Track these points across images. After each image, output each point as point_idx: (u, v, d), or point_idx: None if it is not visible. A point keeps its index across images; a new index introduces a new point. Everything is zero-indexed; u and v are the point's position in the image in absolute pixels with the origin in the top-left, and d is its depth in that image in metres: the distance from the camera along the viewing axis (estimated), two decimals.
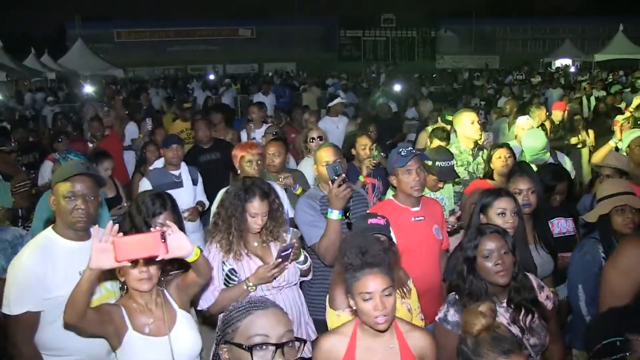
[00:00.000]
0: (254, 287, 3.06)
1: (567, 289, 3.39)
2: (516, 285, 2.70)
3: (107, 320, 2.52)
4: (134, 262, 2.41)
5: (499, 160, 4.42)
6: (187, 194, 4.99)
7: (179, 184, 5.01)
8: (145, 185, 4.83)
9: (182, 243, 2.40)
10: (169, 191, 4.67)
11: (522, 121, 6.00)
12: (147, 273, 2.53)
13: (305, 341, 1.78)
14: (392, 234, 2.98)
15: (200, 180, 5.25)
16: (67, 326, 2.53)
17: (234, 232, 3.10)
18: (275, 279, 3.12)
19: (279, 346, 1.64)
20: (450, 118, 6.01)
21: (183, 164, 5.20)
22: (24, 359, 2.69)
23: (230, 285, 3.11)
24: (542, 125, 6.38)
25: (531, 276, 2.83)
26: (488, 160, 4.53)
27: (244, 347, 1.63)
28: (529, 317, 2.68)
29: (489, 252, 2.63)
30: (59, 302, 2.55)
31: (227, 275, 3.11)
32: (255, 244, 3.21)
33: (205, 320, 3.65)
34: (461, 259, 2.72)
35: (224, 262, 3.12)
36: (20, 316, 2.65)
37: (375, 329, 2.31)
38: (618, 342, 1.76)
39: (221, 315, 1.72)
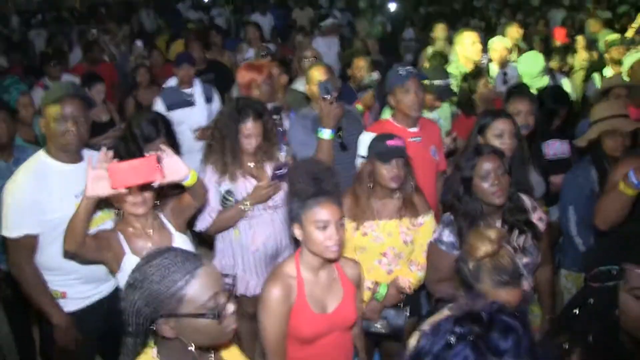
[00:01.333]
0: (251, 208, 3.07)
1: (558, 210, 3.42)
2: (510, 206, 2.71)
3: (105, 246, 2.54)
4: (131, 189, 2.39)
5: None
6: (200, 113, 4.88)
7: (191, 103, 4.89)
8: (158, 104, 4.73)
9: (178, 167, 2.37)
10: (183, 110, 4.72)
11: (495, 42, 5.65)
12: (142, 197, 2.52)
13: (234, 276, 1.80)
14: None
15: (216, 98, 5.11)
16: (67, 254, 2.55)
17: (228, 154, 3.09)
18: (271, 198, 3.13)
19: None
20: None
21: (197, 82, 5.06)
22: (26, 279, 2.73)
23: (227, 206, 3.12)
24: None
25: (525, 197, 2.84)
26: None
27: (206, 315, 1.57)
28: (522, 237, 2.71)
29: (486, 172, 2.62)
30: (55, 224, 2.56)
31: (223, 196, 3.11)
32: (251, 164, 3.19)
33: (202, 241, 3.70)
34: (458, 179, 2.72)
35: (219, 184, 3.12)
36: (20, 239, 2.67)
37: (326, 257, 2.27)
38: (614, 271, 1.77)
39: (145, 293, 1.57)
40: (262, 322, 2.27)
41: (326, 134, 3.28)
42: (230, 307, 1.60)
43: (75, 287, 2.85)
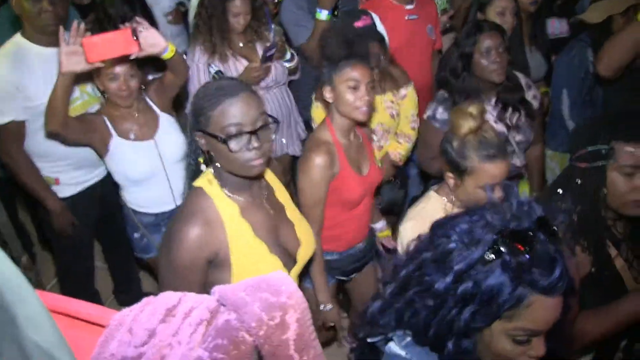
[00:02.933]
0: None
1: (551, 92, 3.38)
2: (506, 84, 2.69)
3: (91, 129, 2.51)
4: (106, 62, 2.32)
5: None
6: None
7: None
8: None
9: (155, 40, 2.31)
10: None
11: None
12: (127, 90, 2.49)
13: (277, 121, 1.73)
14: (384, 32, 2.84)
15: None
16: (50, 135, 2.52)
17: (216, 33, 2.99)
18: (262, 80, 3.07)
19: (253, 132, 1.58)
20: None
21: None
22: (18, 166, 2.72)
23: None
24: None
25: (520, 75, 2.82)
26: None
27: (219, 138, 1.58)
28: (516, 114, 2.72)
29: (487, 49, 2.58)
30: (41, 110, 2.50)
31: (213, 77, 3.03)
32: (240, 44, 3.10)
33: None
34: (456, 55, 2.66)
35: (209, 65, 3.03)
36: (6, 125, 2.61)
37: (356, 118, 2.27)
38: (603, 150, 1.77)
39: (190, 102, 1.61)
40: (303, 189, 2.30)
41: (324, 14, 3.15)
42: (254, 142, 1.59)
43: (68, 173, 2.84)
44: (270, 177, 1.90)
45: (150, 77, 2.91)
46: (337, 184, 2.30)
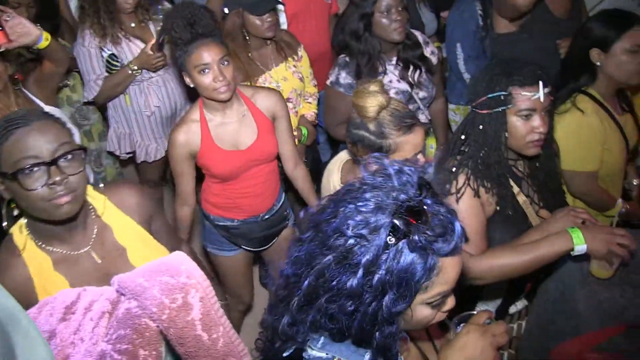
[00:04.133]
0: (139, 71, 2.89)
1: (445, 47, 3.49)
2: (406, 42, 2.74)
3: None
4: None
5: None
6: None
7: None
8: None
9: (25, 29, 2.18)
10: None
11: None
12: None
13: (85, 149, 1.49)
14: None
15: None
16: None
17: (104, 14, 2.84)
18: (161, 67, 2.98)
19: (51, 164, 1.36)
20: None
21: None
22: None
23: (113, 71, 2.92)
24: None
25: (416, 32, 2.88)
26: None
27: (8, 175, 1.35)
28: (417, 72, 2.79)
29: (387, 7, 2.60)
30: None
31: (107, 61, 2.89)
32: (132, 24, 2.96)
33: None
34: (356, 17, 2.67)
35: (102, 49, 2.89)
36: None
37: (218, 99, 2.27)
38: (502, 96, 1.86)
39: None
40: (170, 164, 2.38)
41: None
42: (55, 176, 1.37)
43: None
44: (111, 215, 1.66)
45: None
46: (202, 160, 2.35)
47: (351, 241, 1.00)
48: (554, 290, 1.93)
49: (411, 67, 2.76)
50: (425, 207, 1.02)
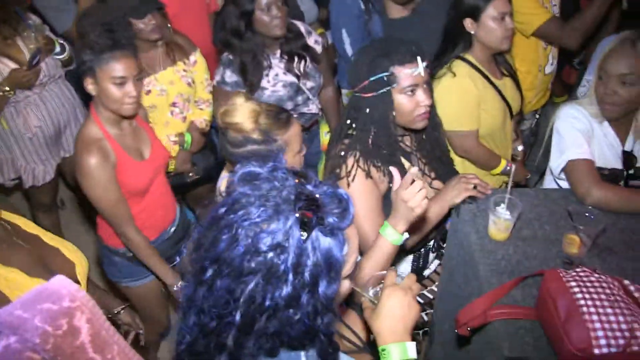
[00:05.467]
0: (11, 92, 2.72)
1: (331, 34, 3.54)
2: (287, 35, 2.76)
3: None
4: None
5: None
6: None
7: None
8: None
9: None
10: None
11: None
12: None
13: None
14: None
15: None
16: None
17: None
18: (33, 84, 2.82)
19: None
20: None
21: None
22: None
23: None
24: None
25: (298, 23, 2.90)
26: None
27: None
28: (302, 62, 2.82)
29: (267, 4, 2.61)
30: None
31: None
32: None
33: None
34: (237, 14, 2.65)
35: None
36: None
37: (123, 114, 2.22)
38: (385, 77, 1.91)
39: None
40: (92, 196, 2.19)
41: None
42: None
43: None
44: (6, 216, 1.71)
45: None
46: (121, 177, 2.24)
47: (270, 255, 0.99)
48: (456, 256, 2.03)
49: (296, 59, 2.78)
50: (313, 192, 1.04)
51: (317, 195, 1.04)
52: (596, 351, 1.35)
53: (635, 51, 2.00)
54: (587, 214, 1.85)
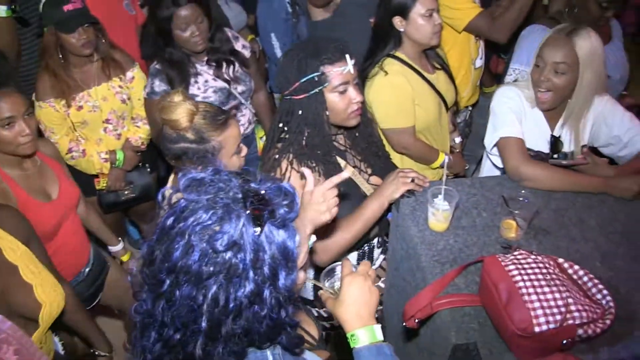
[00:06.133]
0: None
1: (260, 39, 3.54)
2: (212, 46, 2.75)
3: None
4: None
5: None
6: None
7: None
8: None
9: None
10: None
11: None
12: None
13: None
14: None
15: None
16: None
17: None
18: None
19: None
20: None
21: None
22: None
23: None
24: None
25: (225, 29, 2.89)
26: None
27: None
28: (231, 67, 2.81)
29: (185, 23, 2.58)
30: None
31: None
32: None
33: None
34: (156, 33, 2.63)
35: None
36: None
37: (22, 154, 2.16)
38: (315, 78, 1.91)
39: None
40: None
41: (1, 10, 2.82)
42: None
43: None
44: None
45: None
46: None
47: (228, 255, 1.00)
48: (399, 250, 2.06)
49: (224, 64, 2.77)
50: (259, 189, 1.06)
51: (263, 192, 1.05)
52: (537, 329, 1.40)
53: (570, 41, 2.09)
54: (521, 199, 1.91)
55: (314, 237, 1.66)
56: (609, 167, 2.23)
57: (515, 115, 2.23)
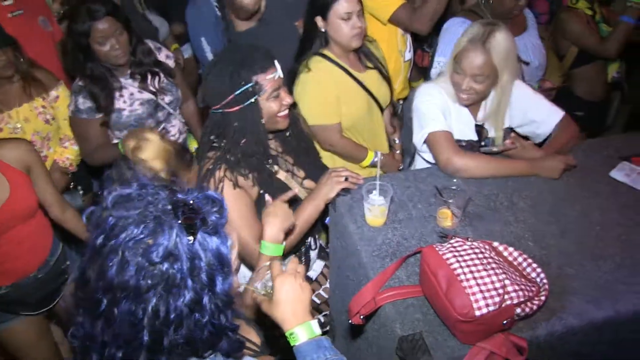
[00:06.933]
0: None
1: (191, 44, 3.50)
2: (134, 59, 2.69)
3: None
4: None
5: None
6: None
7: None
8: None
9: None
10: None
11: None
12: None
13: None
14: None
15: None
16: None
17: None
18: None
19: None
20: None
21: None
22: None
23: None
24: None
25: (147, 40, 2.84)
26: None
27: None
28: (157, 79, 2.76)
29: (102, 37, 2.51)
30: None
31: None
32: None
33: None
34: (75, 48, 2.54)
35: None
36: None
37: None
38: (250, 88, 1.91)
39: None
40: None
41: None
42: None
43: None
44: None
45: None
46: None
47: (165, 266, 1.00)
48: (340, 249, 2.07)
49: (149, 76, 2.71)
50: (187, 199, 1.07)
51: (192, 201, 1.06)
52: (477, 313, 1.43)
53: (485, 50, 2.12)
54: (453, 187, 1.96)
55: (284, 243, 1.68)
56: (536, 149, 2.31)
57: (439, 110, 2.27)
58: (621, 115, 4.18)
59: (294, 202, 2.05)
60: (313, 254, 2.29)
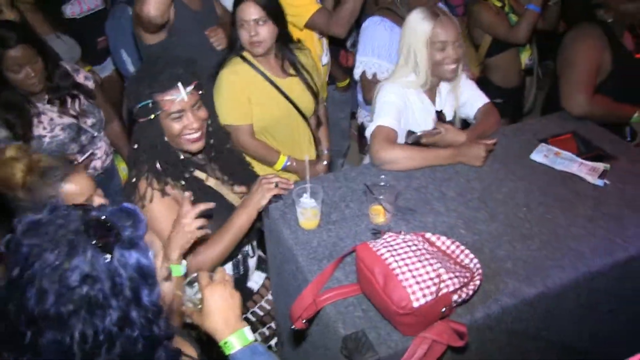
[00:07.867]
0: None
1: (112, 57, 3.43)
2: (51, 85, 2.60)
3: None
4: None
5: None
6: None
7: None
8: None
9: None
10: None
11: None
12: None
13: None
14: None
15: None
16: None
17: None
18: None
19: None
20: None
21: None
22: None
23: None
24: None
25: (63, 63, 2.75)
26: None
27: None
28: (77, 102, 2.67)
29: (17, 65, 2.42)
30: None
31: None
32: None
33: None
34: None
35: None
36: None
37: None
38: (150, 105, 1.89)
39: None
40: None
41: None
42: None
43: None
44: None
45: None
46: None
47: (84, 290, 0.97)
48: (278, 255, 2.05)
49: (69, 99, 2.62)
50: (100, 215, 1.04)
51: (104, 217, 1.03)
52: (415, 304, 1.44)
53: (449, 18, 2.25)
54: (382, 184, 1.98)
55: (184, 262, 1.63)
56: (458, 131, 2.36)
57: (393, 107, 2.29)
58: (539, 101, 4.37)
59: (229, 209, 2.02)
60: (251, 261, 2.27)
